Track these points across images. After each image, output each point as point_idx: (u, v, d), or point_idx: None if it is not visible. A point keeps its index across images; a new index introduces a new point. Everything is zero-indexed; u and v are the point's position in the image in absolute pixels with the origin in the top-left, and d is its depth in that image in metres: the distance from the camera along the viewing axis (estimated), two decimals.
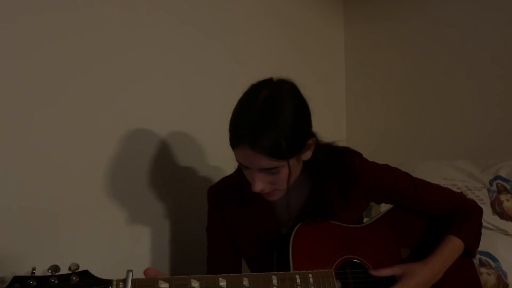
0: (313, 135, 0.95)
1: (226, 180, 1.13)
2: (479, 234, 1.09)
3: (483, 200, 1.47)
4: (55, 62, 1.10)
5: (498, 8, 1.82)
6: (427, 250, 1.06)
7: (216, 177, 1.17)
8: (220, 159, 0.93)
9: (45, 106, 1.07)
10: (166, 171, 1.36)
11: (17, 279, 0.62)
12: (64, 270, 0.65)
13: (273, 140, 0.83)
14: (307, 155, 0.95)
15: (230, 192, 1.08)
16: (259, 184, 0.90)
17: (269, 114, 0.85)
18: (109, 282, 0.66)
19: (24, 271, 0.95)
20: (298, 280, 0.86)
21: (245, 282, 0.80)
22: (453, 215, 1.08)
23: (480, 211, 1.10)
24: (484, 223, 1.11)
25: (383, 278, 0.98)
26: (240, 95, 0.92)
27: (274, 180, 0.91)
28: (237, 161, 0.91)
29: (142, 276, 0.72)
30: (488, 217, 1.44)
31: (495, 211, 1.46)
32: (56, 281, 0.63)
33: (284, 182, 0.91)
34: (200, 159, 1.46)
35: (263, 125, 0.84)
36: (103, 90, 1.20)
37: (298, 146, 0.89)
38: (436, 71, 2.00)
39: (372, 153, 1.23)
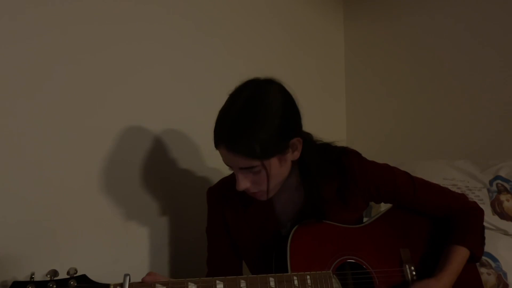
0: (298, 135, 0.94)
1: (225, 181, 1.13)
2: (483, 238, 1.08)
3: (483, 200, 1.47)
4: (48, 60, 1.08)
5: (502, 6, 1.80)
6: (427, 250, 1.07)
7: (214, 178, 1.17)
8: (218, 160, 0.93)
9: (40, 110, 1.06)
10: (164, 173, 1.35)
11: (16, 284, 0.63)
12: (62, 275, 0.66)
13: (247, 140, 0.85)
14: (294, 155, 0.95)
15: (230, 192, 1.08)
16: (242, 183, 0.91)
17: (246, 114, 0.87)
18: (107, 286, 0.67)
19: (24, 275, 0.95)
20: (295, 282, 0.86)
21: (243, 284, 0.80)
22: (456, 220, 1.07)
23: (482, 213, 1.10)
24: (484, 223, 1.10)
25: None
26: None
27: (257, 180, 0.92)
28: (223, 161, 0.93)
29: (139, 280, 0.73)
30: (488, 217, 1.43)
31: (495, 211, 1.45)
32: (55, 286, 0.64)
33: (265, 182, 0.92)
34: (198, 160, 1.45)
35: (239, 126, 0.86)
36: (98, 90, 1.19)
37: (277, 147, 0.89)
38: (436, 71, 1.99)
39: (372, 153, 1.23)
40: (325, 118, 2.14)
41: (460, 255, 1.02)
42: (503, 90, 1.79)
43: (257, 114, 0.87)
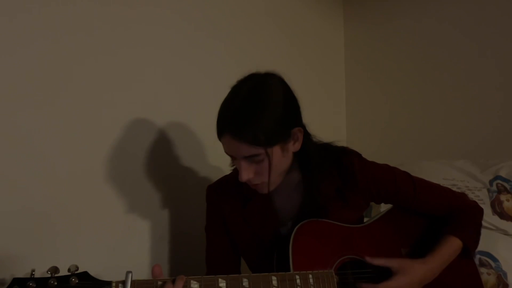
0: (299, 125, 0.95)
1: (225, 179, 1.13)
2: (479, 234, 1.08)
3: (483, 200, 1.47)
4: (53, 61, 1.09)
5: (499, 8, 1.81)
6: (427, 250, 1.06)
7: (216, 177, 1.17)
8: (220, 158, 0.93)
9: (44, 106, 1.07)
10: (166, 171, 1.35)
11: (16, 281, 0.62)
12: (63, 272, 0.65)
13: (251, 127, 0.86)
14: (295, 146, 0.95)
15: (229, 190, 1.09)
16: (245, 173, 0.91)
17: (250, 102, 0.88)
18: (109, 283, 0.66)
19: (23, 272, 0.94)
20: (298, 281, 0.86)
21: (245, 283, 0.80)
22: (454, 215, 1.07)
23: (480, 212, 1.10)
24: (484, 223, 1.11)
25: (383, 274, 0.98)
26: None
27: (259, 170, 0.92)
28: (225, 152, 0.93)
29: (141, 277, 0.72)
30: (488, 217, 1.43)
31: (495, 211, 1.45)
32: (56, 283, 0.63)
33: (267, 172, 0.92)
34: (201, 157, 1.46)
35: (243, 113, 0.87)
36: (102, 89, 1.20)
37: (280, 134, 0.90)
38: (436, 71, 1.99)
39: (372, 153, 1.23)
40: (325, 118, 2.15)
41: (451, 244, 1.02)
42: (503, 90, 1.79)
43: (260, 103, 0.88)
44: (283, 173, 0.97)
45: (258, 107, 0.87)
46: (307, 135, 0.99)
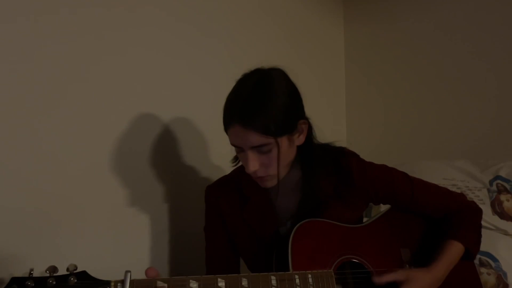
0: (304, 117, 0.97)
1: (224, 179, 1.13)
2: (480, 236, 1.08)
3: (483, 200, 1.47)
4: (57, 62, 1.10)
5: (495, 11, 1.82)
6: (427, 250, 1.06)
7: (217, 176, 1.18)
8: (221, 157, 0.93)
9: (45, 105, 1.07)
10: (167, 171, 1.35)
11: (15, 280, 0.62)
12: (62, 271, 0.65)
13: (262, 116, 0.87)
14: (300, 139, 0.96)
15: (228, 191, 1.09)
16: (252, 164, 0.91)
17: (259, 93, 0.89)
18: (107, 283, 0.66)
19: (22, 272, 0.94)
20: (297, 281, 0.86)
21: (244, 282, 0.80)
22: (453, 218, 1.07)
23: (480, 212, 1.10)
24: (484, 223, 1.11)
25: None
26: None
27: (266, 161, 0.92)
28: (231, 144, 0.93)
29: (140, 276, 0.72)
30: (488, 217, 1.43)
31: (495, 211, 1.45)
32: (54, 282, 0.63)
33: (274, 164, 0.92)
34: (203, 157, 1.46)
35: (253, 103, 0.88)
36: (104, 88, 1.20)
37: (288, 125, 0.91)
38: (435, 71, 2.00)
39: (372, 153, 1.23)
40: (325, 118, 2.15)
41: (453, 249, 1.02)
42: (503, 90, 1.79)
43: (268, 93, 0.89)
44: (287, 167, 0.98)
45: (267, 97, 0.88)
46: (310, 129, 1.00)
